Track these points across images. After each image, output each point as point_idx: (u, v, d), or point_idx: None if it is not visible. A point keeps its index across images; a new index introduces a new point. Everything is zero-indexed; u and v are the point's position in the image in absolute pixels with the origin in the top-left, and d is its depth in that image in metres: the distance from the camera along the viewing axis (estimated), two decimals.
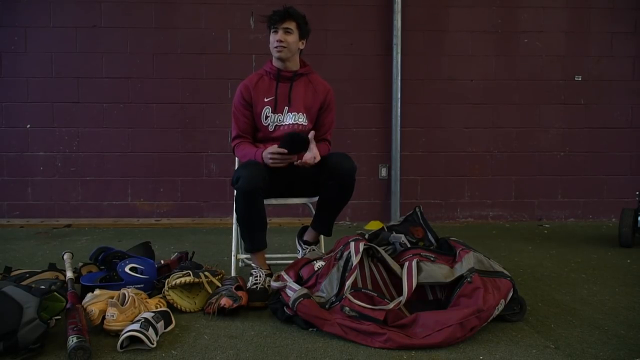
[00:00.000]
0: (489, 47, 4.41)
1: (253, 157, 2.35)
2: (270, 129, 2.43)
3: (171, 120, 4.31)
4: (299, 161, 2.30)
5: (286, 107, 2.43)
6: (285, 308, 2.00)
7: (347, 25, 4.34)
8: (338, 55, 4.34)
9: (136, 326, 1.74)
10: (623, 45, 4.45)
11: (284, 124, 2.43)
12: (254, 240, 2.33)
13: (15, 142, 4.26)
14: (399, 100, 4.29)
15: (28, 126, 4.26)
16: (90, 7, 4.22)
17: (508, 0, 4.39)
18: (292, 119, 2.43)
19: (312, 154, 2.29)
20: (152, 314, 1.85)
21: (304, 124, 2.45)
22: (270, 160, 2.28)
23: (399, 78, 4.27)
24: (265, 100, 2.43)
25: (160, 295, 2.15)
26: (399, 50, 4.26)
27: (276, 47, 2.39)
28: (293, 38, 2.39)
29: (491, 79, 4.42)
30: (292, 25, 2.38)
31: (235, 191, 2.27)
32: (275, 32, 2.38)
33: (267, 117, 2.43)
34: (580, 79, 4.45)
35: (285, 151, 2.25)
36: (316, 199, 2.47)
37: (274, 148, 2.27)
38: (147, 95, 4.29)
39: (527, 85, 4.44)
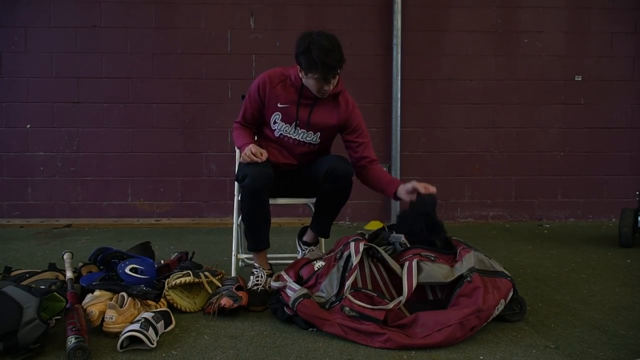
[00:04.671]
0: (489, 47, 4.41)
1: (240, 145, 2.33)
2: (276, 134, 2.36)
3: (171, 120, 4.31)
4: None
5: (296, 122, 2.31)
6: (285, 308, 2.00)
7: (347, 25, 4.33)
8: None
9: (136, 326, 1.74)
10: (623, 45, 4.45)
11: (289, 136, 2.35)
12: (257, 239, 2.33)
13: (15, 142, 4.26)
14: (399, 100, 4.29)
15: (28, 126, 4.26)
16: (90, 7, 4.22)
17: (508, 0, 4.39)
18: (301, 135, 2.35)
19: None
20: (152, 314, 1.85)
21: (313, 142, 2.36)
22: (247, 158, 2.20)
23: (399, 78, 4.27)
24: (279, 105, 2.31)
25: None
26: (399, 50, 4.26)
27: (322, 93, 2.24)
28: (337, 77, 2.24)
29: (491, 79, 4.42)
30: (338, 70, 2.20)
31: (241, 189, 2.26)
32: (323, 82, 2.17)
33: (275, 122, 2.35)
34: (580, 79, 4.45)
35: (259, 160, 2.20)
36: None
37: (255, 148, 2.22)
38: (147, 95, 4.29)
39: (527, 85, 4.44)
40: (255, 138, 2.48)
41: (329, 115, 2.33)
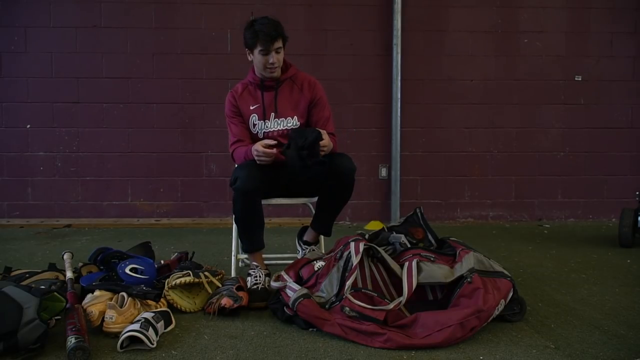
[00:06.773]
0: (489, 47, 4.41)
1: (244, 156, 2.35)
2: (260, 136, 2.44)
3: (171, 120, 4.31)
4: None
5: (272, 114, 2.43)
6: (285, 308, 2.01)
7: (347, 25, 4.33)
8: (338, 55, 4.33)
9: (136, 326, 1.74)
10: (623, 45, 4.44)
11: (271, 130, 2.43)
12: (251, 241, 2.35)
13: (15, 142, 4.25)
14: (399, 100, 4.28)
15: (28, 126, 4.26)
16: (90, 7, 4.22)
17: (508, 0, 4.40)
18: (280, 124, 2.43)
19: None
20: (152, 314, 1.85)
21: (295, 126, 2.43)
22: (257, 158, 2.27)
23: (399, 78, 4.27)
24: (251, 108, 2.44)
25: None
26: (399, 50, 4.26)
27: (270, 69, 2.36)
28: (282, 53, 2.38)
29: (491, 79, 4.42)
30: (280, 43, 2.35)
31: (233, 191, 2.28)
32: (266, 54, 2.32)
33: (254, 124, 2.44)
34: (580, 79, 4.45)
35: (273, 151, 2.24)
36: (316, 199, 2.47)
37: (259, 145, 2.26)
38: (147, 95, 4.29)
39: (527, 85, 4.44)
40: None
41: (297, 95, 2.44)
